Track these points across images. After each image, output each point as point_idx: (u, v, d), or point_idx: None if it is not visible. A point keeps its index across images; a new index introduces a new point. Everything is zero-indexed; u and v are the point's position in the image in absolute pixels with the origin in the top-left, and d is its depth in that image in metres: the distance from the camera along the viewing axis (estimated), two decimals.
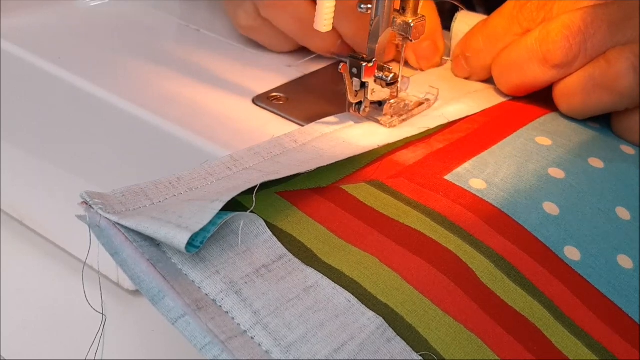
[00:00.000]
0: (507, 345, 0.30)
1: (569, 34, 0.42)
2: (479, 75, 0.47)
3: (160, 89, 0.43)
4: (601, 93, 0.42)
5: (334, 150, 0.37)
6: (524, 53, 0.43)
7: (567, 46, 0.42)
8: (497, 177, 0.37)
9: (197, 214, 0.28)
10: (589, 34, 0.41)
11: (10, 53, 0.46)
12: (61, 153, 0.47)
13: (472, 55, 0.46)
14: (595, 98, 0.42)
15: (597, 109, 0.43)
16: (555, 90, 0.44)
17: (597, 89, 0.42)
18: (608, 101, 0.42)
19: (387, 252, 0.32)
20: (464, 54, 0.47)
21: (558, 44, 0.42)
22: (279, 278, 0.29)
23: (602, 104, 0.42)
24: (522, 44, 0.43)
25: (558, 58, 0.42)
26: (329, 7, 0.38)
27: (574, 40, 0.42)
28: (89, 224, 0.29)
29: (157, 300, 0.27)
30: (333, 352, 0.27)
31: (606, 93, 0.42)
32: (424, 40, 0.47)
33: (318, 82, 0.46)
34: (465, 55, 0.47)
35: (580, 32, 0.41)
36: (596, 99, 0.42)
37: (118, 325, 0.39)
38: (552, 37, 0.42)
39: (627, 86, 0.41)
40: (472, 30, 0.47)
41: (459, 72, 0.48)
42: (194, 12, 0.54)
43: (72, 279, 0.46)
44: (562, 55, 0.42)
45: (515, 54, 0.44)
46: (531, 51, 0.43)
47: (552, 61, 0.42)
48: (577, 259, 0.35)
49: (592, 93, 0.42)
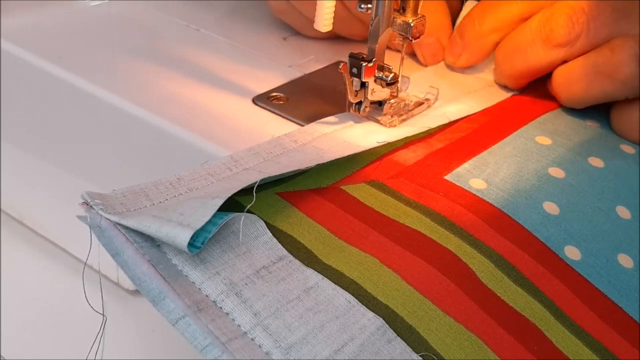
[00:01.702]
0: (508, 345, 0.30)
1: (572, 13, 0.42)
2: (472, 49, 0.47)
3: (160, 89, 0.43)
4: (603, 80, 0.42)
5: (334, 150, 0.37)
6: (528, 35, 0.44)
7: (569, 24, 0.42)
8: (497, 176, 0.37)
9: (198, 211, 0.28)
10: (592, 15, 0.42)
11: (10, 53, 0.46)
12: (61, 153, 0.47)
13: (467, 23, 0.47)
14: (597, 85, 0.42)
15: (597, 97, 0.43)
16: (555, 78, 0.44)
17: (598, 77, 0.42)
18: (609, 89, 0.42)
19: (387, 253, 0.32)
20: (459, 28, 0.47)
21: (561, 22, 0.42)
22: (279, 279, 0.29)
23: (603, 92, 0.43)
24: (526, 27, 0.44)
25: (561, 36, 0.42)
26: (329, 7, 0.38)
27: (577, 20, 0.42)
28: (90, 225, 0.29)
29: (157, 301, 0.27)
30: (333, 353, 0.27)
31: (608, 81, 0.42)
32: (428, 37, 0.47)
33: (318, 82, 0.46)
34: (460, 29, 0.47)
35: (584, 12, 0.42)
36: (598, 86, 0.42)
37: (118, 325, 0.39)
38: (555, 17, 0.43)
39: (628, 74, 0.41)
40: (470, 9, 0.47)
41: (452, 50, 0.48)
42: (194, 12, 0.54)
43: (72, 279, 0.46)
44: (565, 33, 0.42)
45: (519, 38, 0.44)
46: (534, 33, 0.43)
47: (554, 40, 0.43)
48: (578, 259, 0.35)
49: (593, 80, 0.42)
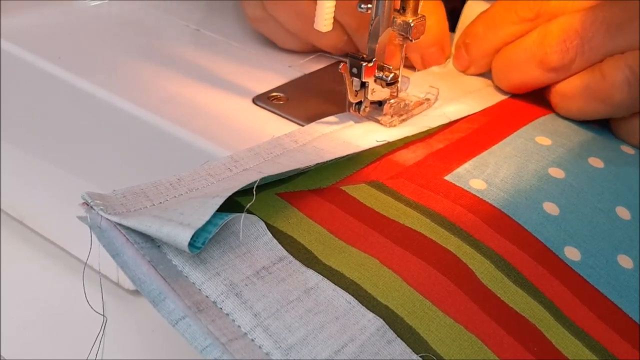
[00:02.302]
0: (508, 345, 0.30)
1: (565, 37, 0.42)
2: (478, 64, 0.47)
3: (160, 89, 0.43)
4: (596, 104, 0.42)
5: (334, 150, 0.37)
6: (523, 54, 0.43)
7: (563, 49, 0.42)
8: (497, 177, 0.37)
9: (198, 210, 0.28)
10: (587, 37, 0.41)
11: (10, 53, 0.46)
12: (61, 153, 0.47)
13: (472, 41, 0.46)
14: (591, 107, 0.42)
15: (593, 116, 0.43)
16: (552, 96, 0.44)
17: (592, 100, 0.42)
18: (603, 111, 0.42)
19: (387, 253, 0.32)
20: (464, 42, 0.47)
21: (554, 47, 0.42)
22: (279, 280, 0.29)
23: (598, 113, 0.43)
24: (521, 45, 0.43)
25: (554, 61, 0.42)
26: (329, 7, 0.38)
27: (571, 44, 0.41)
28: (90, 225, 0.29)
29: (157, 302, 0.27)
30: (333, 354, 0.27)
31: (601, 104, 0.42)
32: (431, 45, 0.47)
33: (318, 82, 0.46)
34: (465, 42, 0.47)
35: (578, 35, 0.41)
36: (592, 108, 0.42)
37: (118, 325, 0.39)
38: (549, 41, 0.42)
39: (621, 99, 0.41)
40: (474, 19, 0.47)
41: (459, 61, 0.48)
42: (194, 12, 0.54)
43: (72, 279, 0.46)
44: (559, 58, 0.42)
45: (515, 55, 0.44)
46: (529, 53, 0.43)
47: (549, 64, 0.42)
48: (577, 259, 0.35)
49: (587, 102, 0.42)
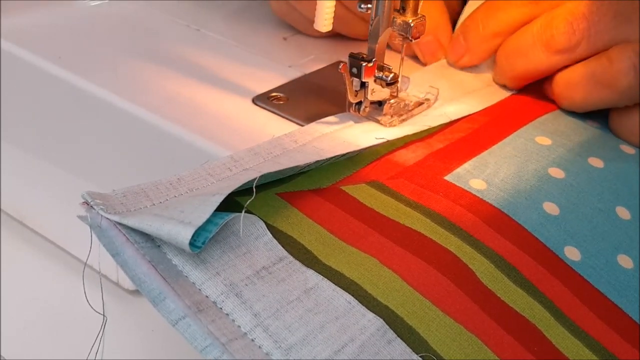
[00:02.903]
0: (508, 345, 0.30)
1: (572, 19, 0.42)
2: (474, 51, 0.47)
3: (160, 89, 0.43)
4: (601, 90, 0.42)
5: (334, 150, 0.37)
6: (529, 39, 0.44)
7: (570, 31, 0.42)
8: (497, 177, 0.37)
9: (198, 208, 0.28)
10: (593, 21, 0.42)
11: (10, 53, 0.46)
12: (61, 153, 0.47)
13: (470, 25, 0.46)
14: (596, 94, 0.42)
15: (597, 105, 0.43)
16: (556, 84, 0.44)
17: (597, 86, 0.42)
18: (608, 98, 0.42)
19: (387, 253, 0.32)
20: (462, 30, 0.47)
21: (561, 29, 0.42)
22: (279, 280, 0.29)
23: (602, 101, 0.43)
24: (528, 30, 0.44)
25: (561, 43, 0.42)
26: (329, 7, 0.38)
27: (577, 26, 0.42)
28: (90, 225, 0.29)
29: (157, 301, 0.27)
30: (333, 354, 0.27)
31: (606, 90, 0.42)
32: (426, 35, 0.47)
33: (318, 82, 0.46)
34: (463, 29, 0.47)
35: (584, 17, 0.42)
36: (596, 95, 0.42)
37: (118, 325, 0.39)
38: (556, 23, 0.42)
39: (627, 85, 0.41)
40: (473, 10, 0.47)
41: (454, 50, 0.47)
42: (194, 12, 0.54)
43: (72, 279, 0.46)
44: (565, 40, 0.42)
45: (521, 40, 0.44)
46: (535, 37, 0.43)
47: (555, 46, 0.43)
48: (577, 259, 0.35)
49: (592, 89, 0.42)
